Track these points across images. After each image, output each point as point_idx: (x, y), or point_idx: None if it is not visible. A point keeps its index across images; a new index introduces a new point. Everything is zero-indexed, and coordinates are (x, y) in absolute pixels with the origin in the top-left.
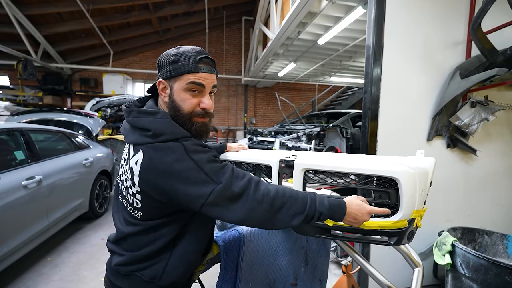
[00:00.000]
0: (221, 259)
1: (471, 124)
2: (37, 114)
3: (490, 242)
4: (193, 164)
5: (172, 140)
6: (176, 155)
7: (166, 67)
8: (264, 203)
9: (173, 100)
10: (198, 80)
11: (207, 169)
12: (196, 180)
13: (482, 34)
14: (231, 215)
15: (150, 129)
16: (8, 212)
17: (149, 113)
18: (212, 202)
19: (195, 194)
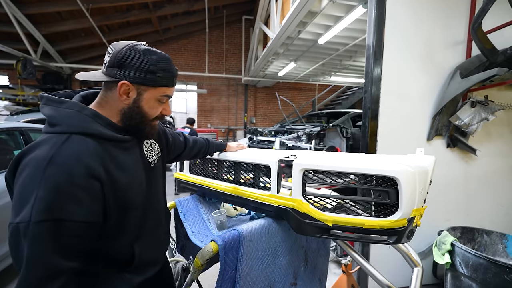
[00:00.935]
0: (221, 259)
1: (471, 124)
2: (36, 114)
3: (490, 241)
4: (40, 176)
5: (65, 133)
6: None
7: (138, 71)
8: None
9: (139, 106)
10: (170, 94)
11: (44, 192)
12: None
13: (482, 33)
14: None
15: (48, 118)
16: (8, 211)
17: (56, 102)
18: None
19: (13, 207)
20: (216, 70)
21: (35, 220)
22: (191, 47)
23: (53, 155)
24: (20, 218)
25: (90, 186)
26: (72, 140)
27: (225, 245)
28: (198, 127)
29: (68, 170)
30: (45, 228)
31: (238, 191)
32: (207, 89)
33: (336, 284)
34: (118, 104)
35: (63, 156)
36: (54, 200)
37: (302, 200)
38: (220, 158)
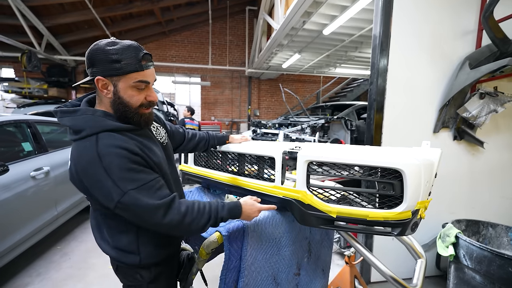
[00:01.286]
0: (225, 249)
1: (479, 116)
2: (42, 106)
3: (495, 234)
4: (103, 170)
5: (91, 135)
6: (88, 157)
7: (105, 64)
8: (174, 221)
9: (119, 97)
10: (145, 78)
11: (115, 176)
12: (104, 186)
13: (494, 22)
14: (140, 223)
15: (71, 127)
16: (18, 202)
17: (70, 112)
18: (121, 207)
19: (105, 198)
20: (219, 62)
21: (127, 190)
22: (194, 39)
23: (98, 152)
24: (118, 197)
25: (137, 158)
26: (102, 137)
27: (229, 235)
28: (202, 119)
29: (116, 154)
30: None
31: (243, 183)
32: (210, 81)
33: (339, 275)
34: (107, 101)
35: (104, 149)
36: (125, 175)
37: (306, 192)
38: (224, 150)
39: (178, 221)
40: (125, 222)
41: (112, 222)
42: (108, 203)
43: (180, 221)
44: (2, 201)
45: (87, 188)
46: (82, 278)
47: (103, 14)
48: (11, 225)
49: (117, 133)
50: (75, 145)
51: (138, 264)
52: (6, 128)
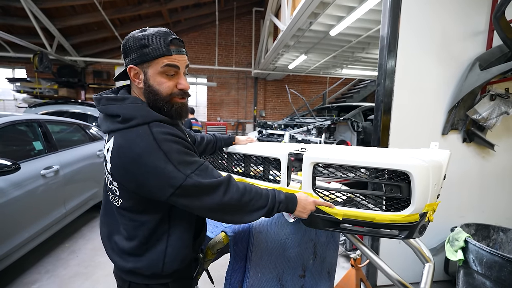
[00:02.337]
0: (231, 249)
1: (490, 118)
2: (52, 106)
3: (506, 239)
4: (162, 155)
5: (142, 124)
6: (144, 143)
7: (135, 52)
8: (233, 199)
9: (149, 85)
10: (173, 62)
11: (175, 161)
12: (164, 171)
13: (505, 22)
14: (198, 206)
15: (120, 115)
16: (29, 199)
17: (118, 100)
18: (180, 193)
19: (163, 185)
20: (226, 63)
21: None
22: (201, 40)
23: (154, 139)
24: (179, 181)
25: (188, 145)
26: (154, 126)
27: (235, 236)
28: (208, 120)
29: (172, 140)
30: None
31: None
32: (216, 82)
33: (344, 277)
34: (139, 91)
35: (160, 135)
36: (184, 159)
37: (312, 194)
38: (229, 151)
39: (237, 199)
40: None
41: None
42: (164, 190)
43: (239, 199)
44: (14, 199)
45: (137, 178)
46: (90, 276)
47: (112, 15)
48: (21, 222)
49: (163, 123)
50: (123, 134)
51: (160, 272)
52: (18, 127)
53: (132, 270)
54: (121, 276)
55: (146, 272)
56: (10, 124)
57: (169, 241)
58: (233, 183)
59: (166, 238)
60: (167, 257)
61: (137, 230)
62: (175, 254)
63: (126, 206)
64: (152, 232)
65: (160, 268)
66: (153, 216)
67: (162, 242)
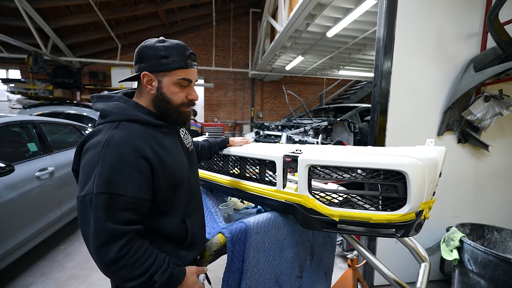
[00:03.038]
0: (228, 251)
1: (484, 119)
2: (48, 107)
3: (500, 238)
4: (98, 157)
5: (116, 121)
6: (97, 138)
7: (153, 59)
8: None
9: (162, 93)
10: (188, 77)
11: (102, 169)
12: (87, 171)
13: (499, 25)
14: (81, 230)
15: (100, 111)
16: (23, 201)
17: (105, 98)
18: (79, 203)
19: (80, 183)
20: (223, 64)
21: (96, 192)
22: (198, 41)
23: (107, 139)
24: (85, 191)
25: (139, 164)
26: (122, 126)
27: (232, 237)
28: (205, 121)
29: (120, 150)
30: (104, 199)
31: (244, 186)
32: (214, 83)
33: (341, 278)
34: (149, 96)
35: (115, 139)
36: (109, 176)
37: (308, 196)
38: (225, 154)
39: (110, 260)
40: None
41: None
42: (78, 188)
43: (111, 261)
44: (7, 201)
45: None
46: (85, 279)
47: (108, 16)
48: (15, 224)
49: (140, 125)
50: (97, 127)
51: None
52: (12, 129)
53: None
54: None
55: None
56: (4, 126)
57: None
58: (122, 241)
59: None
60: None
61: None
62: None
63: None
64: None
65: None
66: None
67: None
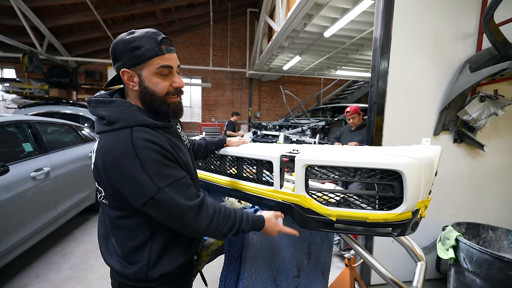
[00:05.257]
0: (225, 251)
1: (480, 119)
2: (43, 107)
3: (495, 237)
4: (138, 163)
5: (125, 128)
6: (123, 148)
7: (126, 55)
8: (201, 225)
9: (145, 87)
10: (167, 63)
11: (150, 171)
12: (138, 180)
13: (494, 26)
14: (169, 222)
15: (105, 117)
16: (18, 202)
17: (106, 102)
18: (152, 204)
19: (136, 194)
20: (220, 64)
21: (161, 188)
22: (196, 41)
23: (133, 144)
24: (150, 194)
25: (170, 156)
26: (136, 131)
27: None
28: (203, 121)
29: (151, 148)
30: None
31: (241, 186)
32: (211, 82)
33: (339, 277)
34: (134, 94)
35: (140, 142)
36: (160, 170)
37: (305, 196)
38: (222, 154)
39: (206, 225)
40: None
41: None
42: (138, 199)
43: (207, 225)
44: (2, 202)
45: (113, 183)
46: (81, 280)
47: (105, 15)
48: (10, 225)
49: (150, 129)
50: (106, 136)
51: (145, 277)
52: (7, 129)
53: (120, 272)
54: (113, 275)
55: (132, 276)
56: None
57: (152, 246)
58: (204, 208)
59: (150, 244)
60: (151, 262)
61: (119, 231)
62: (159, 260)
63: (109, 207)
64: (133, 235)
65: (144, 274)
66: (133, 221)
67: (145, 247)
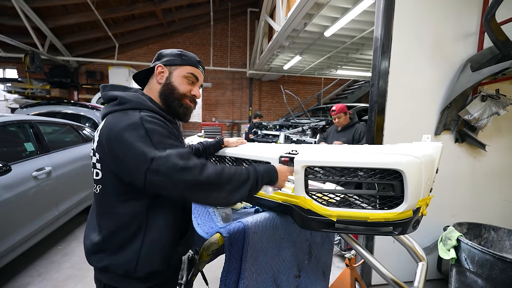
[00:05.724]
0: (226, 250)
1: (481, 119)
2: (45, 107)
3: (497, 237)
4: (144, 132)
5: (134, 109)
6: (130, 121)
7: (170, 57)
8: (211, 177)
9: (170, 82)
10: (196, 74)
11: (155, 139)
12: (142, 146)
13: (496, 24)
14: (175, 186)
15: (117, 98)
16: (20, 202)
17: (121, 88)
18: (155, 169)
19: (139, 161)
20: (220, 64)
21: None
22: (196, 40)
23: (140, 118)
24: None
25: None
26: (145, 112)
27: (230, 236)
28: (203, 120)
29: (159, 122)
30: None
31: None
32: (211, 82)
33: (339, 277)
34: (157, 86)
35: (148, 117)
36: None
37: (305, 197)
38: (220, 155)
39: (217, 176)
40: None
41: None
42: (141, 167)
43: (218, 176)
44: (4, 201)
45: (117, 154)
46: (82, 279)
47: (106, 15)
48: (12, 225)
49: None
50: (114, 115)
51: (133, 271)
52: (9, 128)
53: (105, 267)
54: (98, 277)
55: (119, 270)
56: (1, 125)
57: (145, 238)
58: (209, 164)
59: (142, 235)
60: (142, 255)
61: (110, 221)
62: (150, 252)
63: (105, 193)
64: (126, 224)
65: (133, 267)
66: (130, 208)
67: (137, 238)
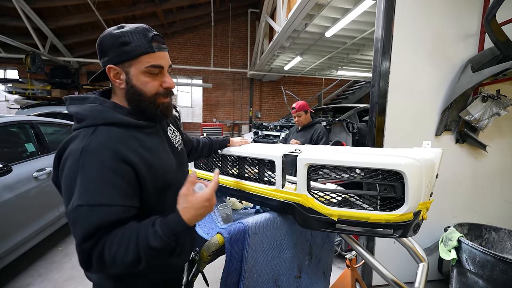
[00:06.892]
0: (227, 251)
1: (482, 119)
2: (45, 107)
3: (498, 238)
4: (76, 168)
5: (91, 126)
6: (74, 148)
7: (114, 49)
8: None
9: (133, 85)
10: (157, 63)
11: (83, 180)
12: (70, 185)
13: (496, 25)
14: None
15: (74, 115)
16: (20, 202)
17: (79, 99)
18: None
19: (66, 196)
20: (221, 64)
21: (76, 204)
22: (197, 41)
23: (84, 147)
24: (70, 206)
25: (122, 170)
26: (99, 131)
27: (231, 237)
28: (204, 121)
29: (99, 157)
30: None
31: (243, 186)
32: (212, 83)
33: (340, 278)
34: (121, 92)
35: (93, 146)
36: (90, 186)
37: (307, 195)
38: (224, 154)
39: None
40: None
41: None
42: (65, 203)
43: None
44: (5, 202)
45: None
46: (83, 280)
47: (106, 16)
48: (13, 225)
49: (120, 128)
50: (72, 133)
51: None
52: (10, 129)
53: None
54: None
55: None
56: (2, 126)
57: None
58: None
59: None
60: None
61: None
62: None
63: None
64: None
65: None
66: None
67: None
